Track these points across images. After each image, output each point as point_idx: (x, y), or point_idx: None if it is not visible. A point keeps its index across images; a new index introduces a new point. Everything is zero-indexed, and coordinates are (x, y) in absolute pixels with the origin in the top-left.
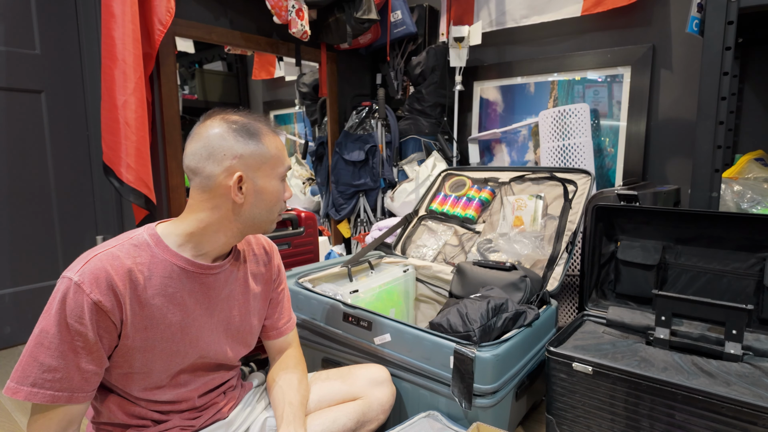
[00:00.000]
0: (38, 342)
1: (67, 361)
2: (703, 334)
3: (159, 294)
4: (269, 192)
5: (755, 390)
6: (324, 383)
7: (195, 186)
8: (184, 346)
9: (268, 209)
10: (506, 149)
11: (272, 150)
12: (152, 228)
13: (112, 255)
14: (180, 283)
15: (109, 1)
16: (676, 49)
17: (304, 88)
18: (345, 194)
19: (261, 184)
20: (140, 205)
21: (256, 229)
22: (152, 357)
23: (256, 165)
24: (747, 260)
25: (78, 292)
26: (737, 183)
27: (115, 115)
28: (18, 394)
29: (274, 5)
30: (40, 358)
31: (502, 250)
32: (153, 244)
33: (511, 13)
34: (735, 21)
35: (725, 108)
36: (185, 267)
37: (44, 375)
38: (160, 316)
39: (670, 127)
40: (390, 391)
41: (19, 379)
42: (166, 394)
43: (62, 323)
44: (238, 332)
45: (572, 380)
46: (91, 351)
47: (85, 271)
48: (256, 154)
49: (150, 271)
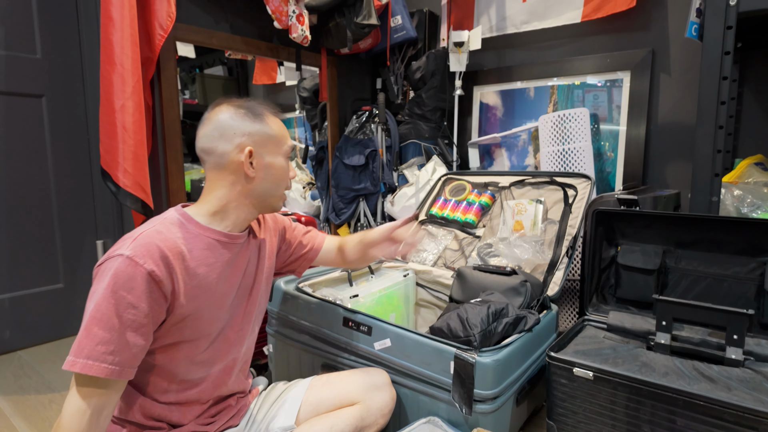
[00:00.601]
0: (92, 316)
1: (118, 333)
2: (704, 339)
3: (202, 264)
4: (276, 167)
5: (757, 395)
6: (322, 388)
7: (210, 166)
8: (222, 312)
9: (275, 184)
10: (506, 154)
11: (276, 129)
12: (179, 209)
13: (157, 231)
14: (217, 254)
15: (108, 6)
16: (676, 54)
17: (305, 93)
18: (345, 198)
19: (268, 160)
20: (137, 209)
21: (266, 205)
22: (200, 324)
23: (262, 142)
24: (747, 264)
25: (131, 264)
26: (737, 187)
27: (113, 119)
28: (74, 366)
29: (275, 10)
30: (93, 331)
31: (502, 254)
32: (186, 221)
33: (512, 19)
34: (734, 26)
35: (725, 112)
36: (218, 239)
37: (98, 347)
38: (206, 284)
39: (670, 132)
40: (390, 395)
41: (75, 352)
42: (199, 371)
43: (115, 296)
44: (250, 303)
45: (573, 385)
46: (142, 324)
47: (137, 245)
48: (262, 132)
49: (190, 244)
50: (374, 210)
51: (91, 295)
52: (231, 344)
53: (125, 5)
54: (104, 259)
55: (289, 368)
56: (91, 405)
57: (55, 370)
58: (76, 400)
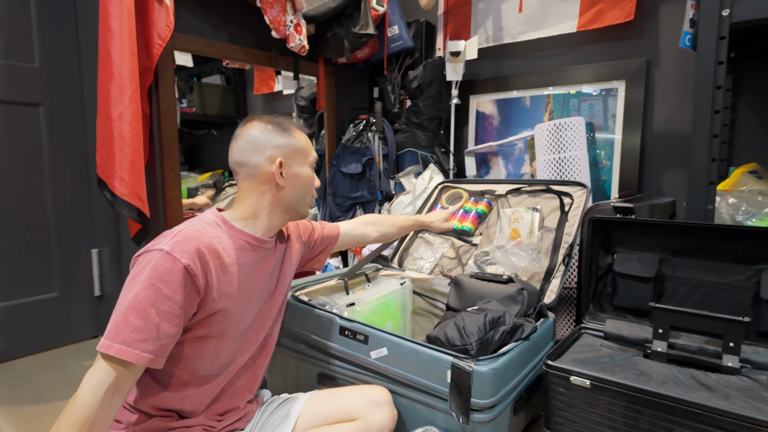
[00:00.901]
0: (130, 305)
1: (153, 323)
2: (701, 347)
3: (234, 263)
4: (303, 177)
5: (754, 403)
6: (322, 400)
7: (242, 178)
8: (248, 312)
9: (303, 192)
10: (502, 162)
11: (302, 141)
12: (215, 212)
13: (196, 229)
14: (248, 255)
15: (106, 16)
16: (670, 64)
17: (302, 102)
18: (342, 207)
19: (296, 170)
20: (133, 218)
21: (294, 212)
22: (229, 321)
23: (291, 153)
24: (744, 273)
25: (169, 259)
26: (732, 195)
27: (110, 127)
28: (110, 349)
29: (273, 20)
30: (130, 318)
31: (499, 262)
32: (221, 223)
33: (508, 29)
34: (727, 36)
35: (719, 121)
36: (249, 241)
37: (133, 334)
38: (236, 283)
39: (665, 140)
40: (390, 413)
41: (112, 337)
42: (219, 367)
43: (154, 288)
44: (271, 307)
45: (570, 394)
46: (176, 315)
47: (176, 242)
48: (290, 145)
49: (225, 243)
50: None
51: (129, 284)
52: (251, 344)
53: (124, 15)
54: (143, 252)
55: (285, 378)
56: (109, 382)
57: (48, 380)
58: (96, 375)
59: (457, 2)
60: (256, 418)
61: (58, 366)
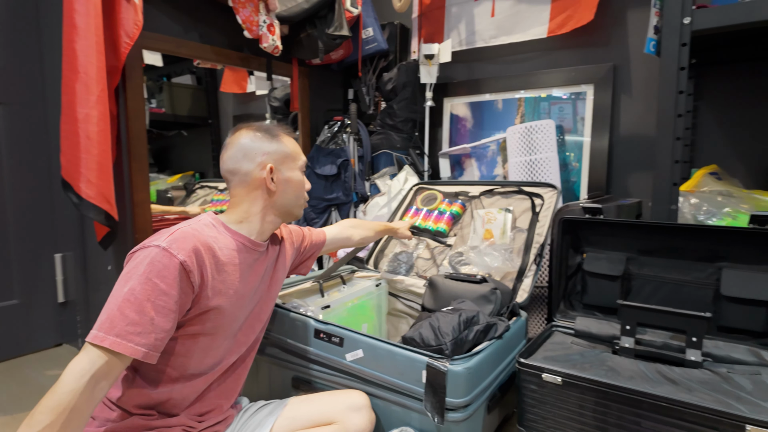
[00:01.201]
0: (126, 299)
1: (148, 317)
2: (666, 342)
3: (230, 263)
4: (294, 181)
5: (715, 395)
6: (300, 404)
7: (235, 185)
8: (240, 312)
9: (295, 195)
10: (476, 164)
11: (291, 146)
12: (212, 214)
13: (193, 228)
14: (242, 256)
15: (71, 13)
16: (636, 69)
17: (276, 103)
18: (317, 208)
19: (287, 175)
20: (100, 221)
21: (287, 215)
22: (221, 319)
23: (281, 159)
24: (705, 270)
25: (166, 255)
26: (694, 196)
27: (76, 128)
28: (104, 342)
29: (245, 20)
30: (126, 312)
31: (473, 262)
32: (217, 224)
33: (481, 33)
34: (688, 43)
35: (682, 124)
36: (244, 243)
37: (128, 327)
38: (230, 281)
39: (631, 143)
40: (369, 418)
41: (106, 329)
42: (208, 366)
43: (150, 283)
44: (261, 310)
45: (543, 391)
46: (171, 310)
47: (173, 239)
48: (280, 151)
49: (220, 243)
50: None
51: (124, 278)
52: (241, 345)
53: (90, 13)
54: (139, 248)
55: (258, 383)
56: (94, 370)
57: (8, 392)
58: (81, 362)
59: (431, 6)
60: (235, 424)
61: (19, 377)
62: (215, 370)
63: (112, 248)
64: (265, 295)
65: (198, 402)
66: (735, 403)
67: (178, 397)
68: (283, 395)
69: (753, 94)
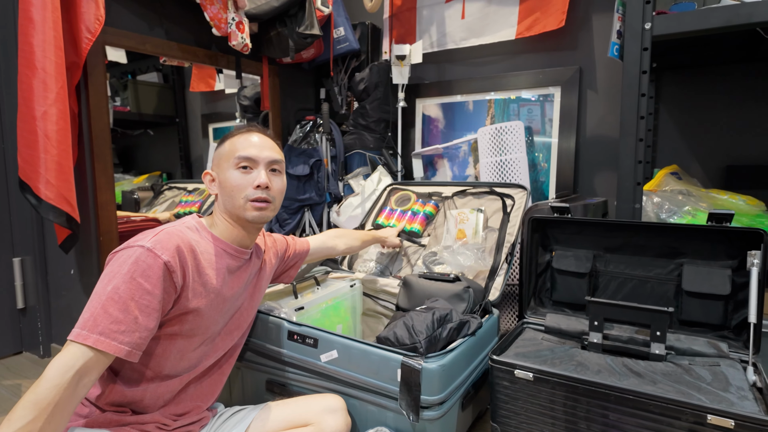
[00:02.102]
0: (110, 297)
1: (132, 316)
2: (631, 337)
3: (210, 267)
4: (226, 180)
5: (678, 387)
6: (276, 407)
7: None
8: (219, 316)
9: (229, 195)
10: (448, 164)
11: (227, 146)
12: (196, 217)
13: (177, 229)
14: (225, 262)
15: (27, 6)
16: (600, 72)
17: (246, 101)
18: (289, 209)
19: (221, 177)
20: (61, 223)
21: (235, 217)
22: (199, 322)
23: (217, 162)
24: (667, 266)
25: (151, 255)
26: (656, 195)
27: (33, 127)
28: (87, 339)
29: (213, 17)
30: (109, 310)
31: (446, 262)
32: (201, 229)
33: (451, 35)
34: (649, 47)
35: (644, 126)
36: (226, 249)
37: (111, 326)
38: (210, 285)
39: (597, 144)
40: (344, 420)
41: (90, 327)
42: (185, 368)
43: (134, 282)
44: (242, 317)
45: (515, 387)
46: (154, 309)
47: (157, 239)
48: (217, 154)
49: (203, 246)
50: (320, 220)
51: (108, 277)
52: (218, 350)
53: (47, 6)
54: (123, 247)
55: (231, 386)
56: (78, 366)
57: None
58: (64, 357)
59: (402, 7)
60: (210, 426)
61: None
62: (190, 373)
63: (75, 251)
64: (246, 303)
65: (172, 403)
66: (696, 394)
67: (152, 397)
68: (257, 400)
69: (709, 98)
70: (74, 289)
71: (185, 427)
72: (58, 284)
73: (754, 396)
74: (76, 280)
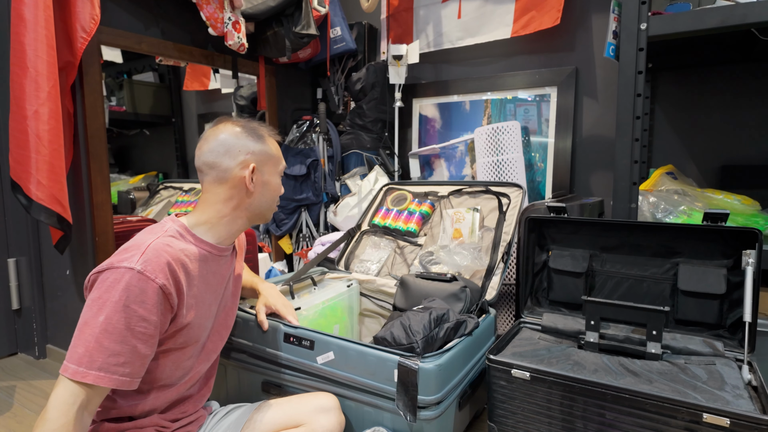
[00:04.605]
0: (104, 329)
1: (130, 346)
2: (627, 336)
3: (199, 276)
4: (273, 184)
5: (674, 386)
6: (269, 408)
7: (210, 180)
8: (208, 321)
9: (271, 199)
10: (445, 164)
11: (275, 150)
12: (176, 219)
13: (165, 243)
14: (209, 266)
15: (19, 5)
16: (596, 72)
17: (242, 101)
18: (286, 209)
19: (267, 177)
20: (52, 224)
21: (259, 218)
22: (192, 332)
23: (263, 161)
24: (663, 266)
25: (143, 279)
26: (652, 195)
27: (24, 127)
28: (87, 378)
29: (210, 17)
30: (105, 344)
31: (443, 261)
32: (184, 233)
33: (448, 35)
34: (645, 48)
35: (640, 126)
36: (210, 251)
37: (110, 360)
38: (200, 295)
39: (593, 144)
40: (337, 419)
41: (87, 364)
42: (179, 377)
43: (127, 310)
44: (228, 315)
45: (512, 387)
46: (151, 335)
47: (146, 259)
48: (264, 152)
49: (190, 256)
50: (317, 220)
51: (96, 304)
52: (210, 353)
53: (39, 5)
54: (106, 268)
55: (228, 387)
56: (80, 401)
57: None
58: (64, 394)
59: (399, 7)
60: (206, 425)
61: None
62: (185, 380)
63: (70, 252)
64: (229, 302)
65: (169, 410)
66: (692, 393)
67: (149, 408)
68: (253, 399)
69: (705, 98)
70: (69, 290)
71: (184, 428)
72: (53, 285)
73: (749, 394)
74: (71, 281)
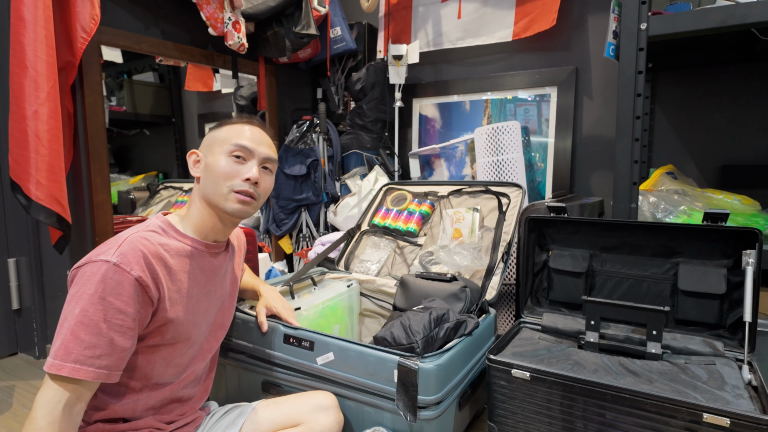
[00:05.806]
0: (79, 321)
1: (106, 338)
2: (628, 336)
3: (182, 271)
4: (216, 164)
5: (674, 386)
6: (267, 408)
7: None
8: (199, 318)
9: (214, 181)
10: (445, 164)
11: (225, 131)
12: (161, 216)
13: (142, 236)
14: (194, 262)
15: (19, 5)
16: (596, 72)
17: (242, 101)
18: (286, 209)
19: (209, 161)
20: (52, 224)
21: (213, 205)
22: (181, 329)
23: (208, 145)
24: (663, 266)
25: (118, 271)
26: (652, 195)
27: (24, 126)
28: (62, 370)
29: (210, 16)
30: (81, 336)
31: (442, 261)
32: (167, 228)
33: (447, 35)
34: (645, 48)
35: (640, 126)
36: (195, 246)
37: (85, 352)
38: (185, 290)
39: (593, 144)
40: (336, 418)
41: (62, 356)
42: (172, 374)
43: (103, 302)
44: (224, 315)
45: (512, 386)
46: (129, 328)
47: (122, 252)
48: (211, 137)
49: (171, 251)
50: (317, 220)
51: (74, 299)
52: (207, 353)
53: (39, 5)
54: (84, 263)
55: (227, 387)
56: (65, 398)
57: None
58: (48, 393)
59: (398, 6)
60: (204, 426)
61: None
62: (180, 379)
63: (70, 252)
64: (226, 302)
65: (166, 410)
66: (692, 393)
67: (143, 408)
68: (253, 399)
69: (705, 98)
70: None
71: (180, 429)
72: (53, 285)
73: (750, 394)
74: None
